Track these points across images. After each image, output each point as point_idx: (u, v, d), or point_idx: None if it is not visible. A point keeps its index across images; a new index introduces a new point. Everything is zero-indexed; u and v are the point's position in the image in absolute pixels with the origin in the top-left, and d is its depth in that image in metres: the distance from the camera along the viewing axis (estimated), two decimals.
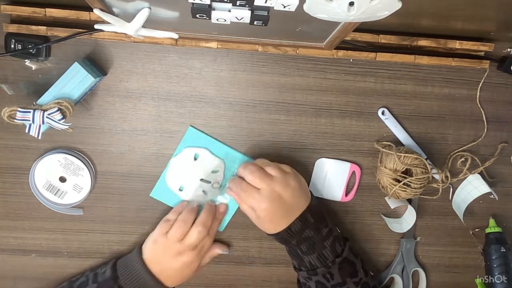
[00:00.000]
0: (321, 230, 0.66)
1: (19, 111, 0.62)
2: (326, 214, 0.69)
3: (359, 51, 0.69)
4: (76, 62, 0.64)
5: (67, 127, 0.65)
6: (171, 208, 0.73)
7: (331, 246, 0.66)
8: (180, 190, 0.73)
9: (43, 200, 0.71)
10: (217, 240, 0.74)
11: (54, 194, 0.71)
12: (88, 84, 0.65)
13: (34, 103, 0.64)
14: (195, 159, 0.72)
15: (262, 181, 0.64)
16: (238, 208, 0.74)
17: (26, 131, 0.64)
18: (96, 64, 0.69)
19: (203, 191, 0.73)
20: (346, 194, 0.75)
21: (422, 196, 0.73)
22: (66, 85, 0.64)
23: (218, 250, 0.73)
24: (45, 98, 0.64)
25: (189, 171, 0.72)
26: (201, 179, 0.72)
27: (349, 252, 0.68)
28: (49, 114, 0.62)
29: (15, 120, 0.62)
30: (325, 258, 0.66)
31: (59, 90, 0.64)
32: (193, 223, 0.69)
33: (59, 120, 0.63)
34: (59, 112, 0.63)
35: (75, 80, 0.64)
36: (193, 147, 0.72)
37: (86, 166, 0.71)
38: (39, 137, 0.64)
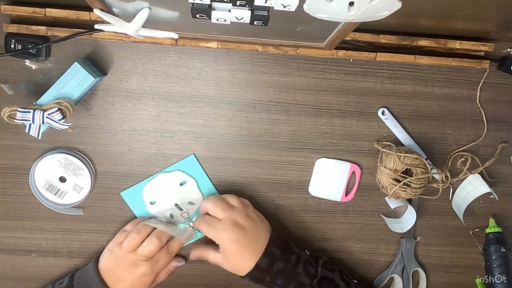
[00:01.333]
0: (290, 259, 0.66)
1: (19, 111, 0.62)
2: (289, 241, 0.69)
3: (359, 51, 0.69)
4: (76, 62, 0.64)
5: (67, 127, 0.65)
6: (133, 215, 0.74)
7: (304, 270, 0.66)
8: (151, 203, 0.73)
9: (43, 200, 0.71)
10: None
11: (54, 194, 0.71)
12: (88, 84, 0.65)
13: (34, 103, 0.64)
14: (181, 184, 0.72)
15: (224, 211, 0.65)
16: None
17: (26, 131, 0.64)
18: (96, 64, 0.69)
19: (171, 214, 0.73)
20: (346, 194, 0.75)
21: (422, 196, 0.73)
22: (66, 85, 0.64)
23: (173, 263, 0.73)
24: (45, 98, 0.64)
25: (170, 192, 0.73)
26: (176, 204, 0.73)
27: (323, 269, 0.68)
28: (49, 114, 0.62)
29: (15, 120, 0.62)
30: (303, 285, 0.66)
31: (59, 90, 0.64)
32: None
33: (59, 120, 0.63)
34: (59, 112, 0.63)
35: (75, 80, 0.64)
36: (185, 173, 0.72)
37: (86, 166, 0.71)
38: (39, 137, 0.64)
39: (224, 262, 0.66)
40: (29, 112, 0.62)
